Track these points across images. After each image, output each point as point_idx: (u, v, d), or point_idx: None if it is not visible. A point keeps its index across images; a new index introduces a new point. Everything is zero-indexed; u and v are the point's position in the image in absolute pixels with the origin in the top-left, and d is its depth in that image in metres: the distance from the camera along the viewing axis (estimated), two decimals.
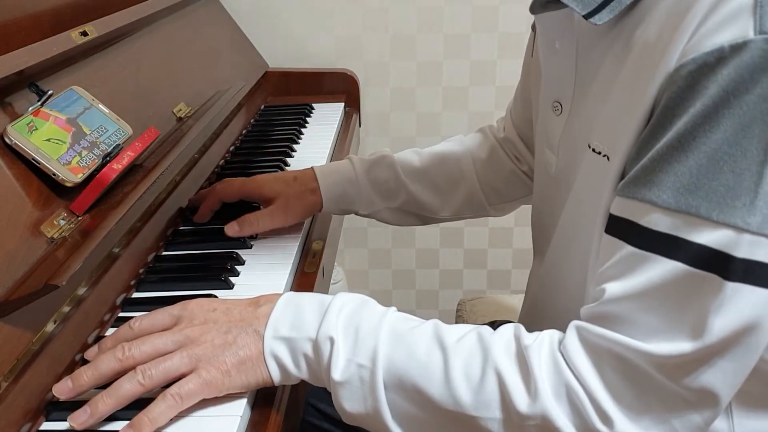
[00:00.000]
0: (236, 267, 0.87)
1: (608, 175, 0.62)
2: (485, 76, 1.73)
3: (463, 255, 1.90)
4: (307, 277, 0.90)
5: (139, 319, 0.68)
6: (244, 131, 1.37)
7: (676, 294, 0.55)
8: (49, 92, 0.81)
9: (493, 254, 1.90)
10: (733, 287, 0.54)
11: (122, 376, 0.63)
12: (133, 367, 0.63)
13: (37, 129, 0.76)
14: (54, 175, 0.75)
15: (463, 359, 0.61)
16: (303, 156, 1.28)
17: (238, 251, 0.91)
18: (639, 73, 0.60)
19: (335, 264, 1.76)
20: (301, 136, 1.38)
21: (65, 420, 0.63)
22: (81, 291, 0.75)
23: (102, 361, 0.64)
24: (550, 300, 0.79)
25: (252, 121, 1.45)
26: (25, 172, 0.74)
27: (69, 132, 0.81)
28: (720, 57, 0.53)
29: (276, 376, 0.65)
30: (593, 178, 0.66)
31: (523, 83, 0.97)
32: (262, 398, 0.68)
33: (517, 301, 1.20)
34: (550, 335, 0.62)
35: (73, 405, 0.64)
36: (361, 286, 1.94)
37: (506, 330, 0.64)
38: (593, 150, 0.66)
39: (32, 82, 0.80)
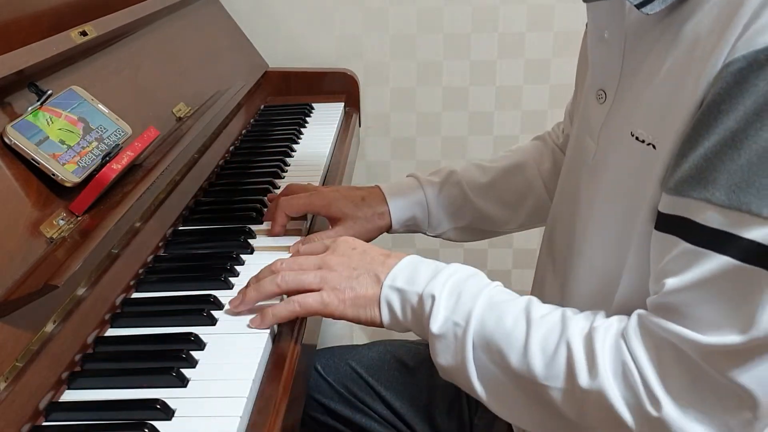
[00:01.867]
0: (236, 267, 0.87)
1: (654, 164, 0.64)
2: (485, 76, 1.73)
3: (463, 255, 1.90)
4: None
5: (308, 239, 0.89)
6: (243, 131, 1.37)
7: (728, 288, 0.58)
8: (49, 92, 0.81)
9: (493, 254, 1.90)
10: None
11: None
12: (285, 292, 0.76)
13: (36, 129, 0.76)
14: (53, 175, 0.75)
15: (543, 333, 0.67)
16: (303, 156, 1.28)
17: (238, 251, 0.91)
18: (688, 65, 0.61)
19: None
20: (301, 136, 1.38)
21: (66, 420, 0.63)
22: (80, 291, 0.75)
23: (263, 270, 0.78)
24: (576, 287, 0.80)
25: (252, 121, 1.44)
26: (24, 172, 0.74)
27: (68, 132, 0.81)
28: None
29: (386, 319, 0.74)
30: (636, 165, 0.67)
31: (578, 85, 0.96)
32: (263, 398, 0.68)
33: None
34: (619, 320, 0.66)
35: (74, 405, 0.65)
36: None
37: (587, 312, 0.69)
38: (636, 138, 0.67)
39: (32, 82, 0.80)
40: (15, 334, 0.64)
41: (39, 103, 0.79)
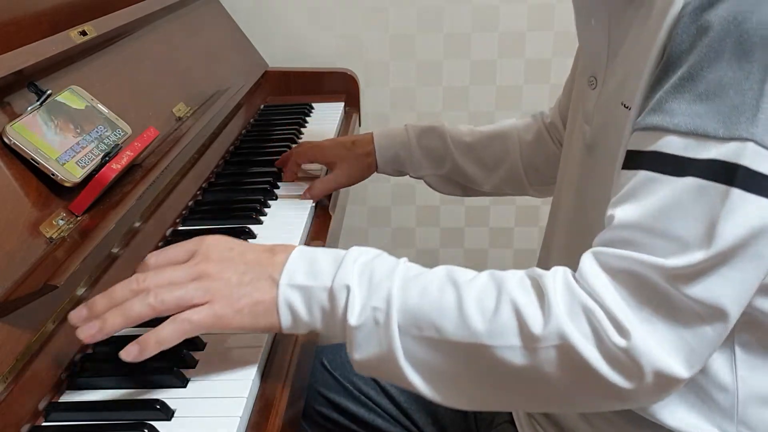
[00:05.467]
0: None
1: (628, 122, 0.66)
2: (485, 76, 1.73)
3: (463, 255, 1.90)
4: None
5: (156, 254, 0.68)
6: (243, 131, 1.37)
7: (688, 208, 0.58)
8: (48, 92, 0.81)
9: (493, 254, 1.90)
10: (739, 194, 0.57)
11: None
12: None
13: (38, 129, 0.76)
14: (53, 175, 0.75)
15: (477, 293, 0.63)
16: None
17: None
18: (656, 25, 0.64)
19: None
20: (301, 136, 1.38)
21: (65, 420, 0.63)
22: (80, 291, 0.75)
23: (116, 290, 0.64)
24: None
25: (251, 120, 1.44)
26: (24, 172, 0.74)
27: (68, 132, 0.81)
28: None
29: (286, 323, 0.66)
30: (620, 131, 0.68)
31: (572, 75, 0.99)
32: (263, 398, 0.68)
33: None
34: (564, 268, 0.64)
35: (74, 405, 0.64)
36: None
37: (518, 271, 0.65)
38: (624, 105, 0.69)
39: (31, 82, 0.80)
40: (15, 334, 0.64)
41: (39, 103, 0.79)
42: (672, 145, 0.59)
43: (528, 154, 1.07)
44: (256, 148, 1.29)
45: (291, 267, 0.66)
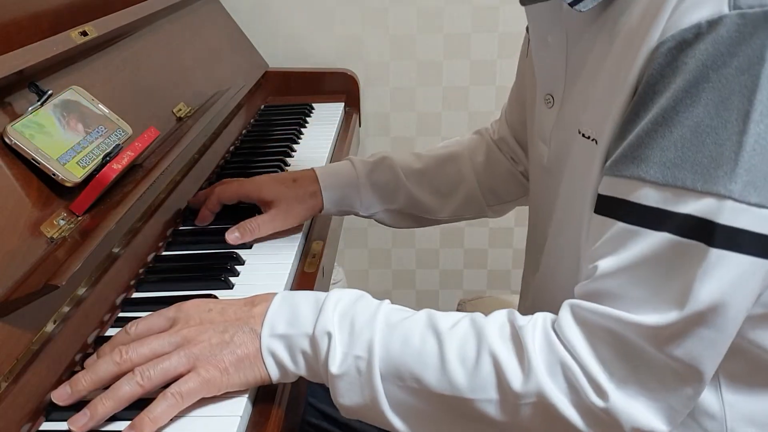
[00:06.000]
0: (236, 267, 0.87)
1: (596, 157, 0.64)
2: (485, 76, 1.73)
3: (463, 255, 1.90)
4: (307, 277, 0.90)
5: (135, 323, 0.68)
6: (244, 131, 1.37)
7: (664, 264, 0.57)
8: (49, 92, 0.81)
9: (493, 254, 1.90)
10: (717, 254, 0.55)
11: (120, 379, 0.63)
12: (131, 370, 0.63)
13: (38, 128, 0.76)
14: (54, 175, 0.75)
15: (458, 344, 0.62)
16: (303, 156, 1.28)
17: (238, 251, 0.91)
18: (623, 56, 0.61)
19: (335, 264, 1.76)
20: (301, 136, 1.38)
21: (65, 420, 0.62)
22: (81, 291, 0.75)
23: (100, 366, 0.64)
24: (550, 293, 0.79)
25: (252, 121, 1.45)
26: (25, 172, 0.74)
27: (68, 132, 0.81)
28: (698, 33, 0.55)
29: (274, 373, 0.65)
30: (583, 162, 0.67)
31: (518, 85, 0.98)
32: (262, 398, 0.67)
33: (517, 300, 1.20)
34: (544, 316, 0.63)
35: (74, 405, 0.64)
36: (361, 286, 1.92)
37: (499, 314, 0.65)
38: (582, 135, 0.67)
39: (32, 82, 0.80)
40: (15, 334, 0.64)
41: (39, 103, 0.79)
42: (649, 197, 0.57)
43: (484, 176, 1.02)
44: (257, 148, 1.30)
45: (272, 317, 0.66)
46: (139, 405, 0.62)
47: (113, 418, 0.62)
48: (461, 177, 1.02)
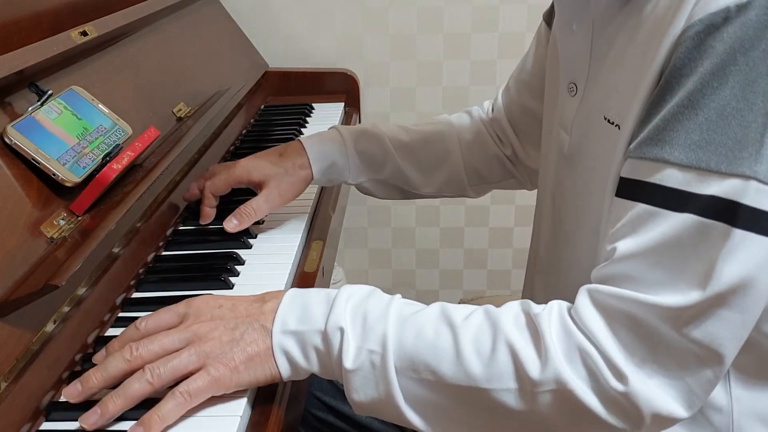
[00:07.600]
0: (236, 267, 0.87)
1: (619, 142, 0.64)
2: (485, 76, 1.73)
3: (463, 255, 1.90)
4: (307, 277, 0.90)
5: (145, 319, 0.68)
6: (243, 131, 1.37)
7: (686, 246, 0.57)
8: (49, 92, 0.81)
9: (493, 254, 1.90)
10: (740, 234, 0.55)
11: (131, 376, 0.63)
12: (141, 367, 0.63)
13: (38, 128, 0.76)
14: (54, 175, 0.75)
15: (472, 335, 0.62)
16: None
17: (238, 251, 0.91)
18: (649, 41, 0.62)
19: (335, 264, 1.76)
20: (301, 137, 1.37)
21: (65, 420, 0.63)
22: (81, 291, 0.75)
23: (110, 363, 0.64)
24: (564, 282, 0.79)
25: (252, 121, 1.45)
26: (24, 172, 0.74)
27: (68, 132, 0.81)
28: (726, 17, 0.56)
29: (285, 371, 0.65)
30: (605, 148, 0.67)
31: (530, 73, 0.97)
32: (262, 398, 0.67)
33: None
34: (559, 304, 0.63)
35: (74, 405, 0.64)
36: None
37: (513, 304, 0.65)
38: (608, 121, 0.67)
39: (32, 82, 0.80)
40: (15, 334, 0.64)
41: (39, 103, 0.79)
42: (672, 178, 0.57)
43: (469, 155, 1.02)
44: (257, 148, 1.28)
45: (283, 313, 0.66)
46: (145, 403, 0.62)
47: (121, 417, 0.62)
48: (447, 155, 1.02)
